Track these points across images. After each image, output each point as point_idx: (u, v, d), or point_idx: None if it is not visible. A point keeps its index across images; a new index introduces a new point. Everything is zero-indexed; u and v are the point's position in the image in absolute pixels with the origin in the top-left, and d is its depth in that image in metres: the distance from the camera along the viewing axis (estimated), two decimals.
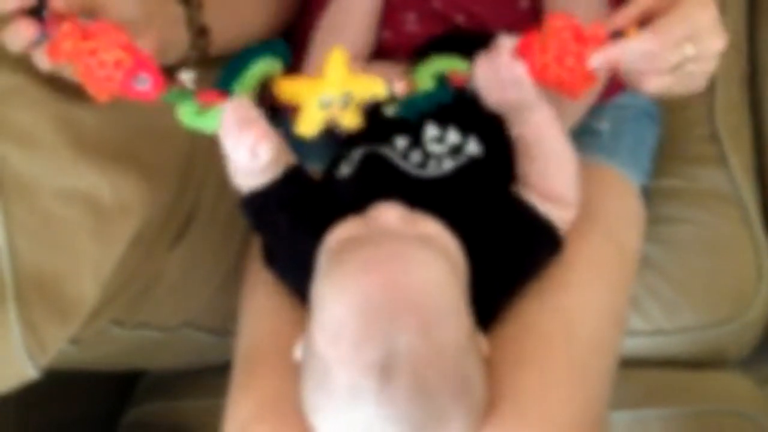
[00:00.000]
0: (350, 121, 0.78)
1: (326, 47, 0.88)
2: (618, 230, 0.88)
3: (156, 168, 0.82)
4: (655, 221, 1.08)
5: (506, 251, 0.77)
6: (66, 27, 0.68)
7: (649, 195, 1.03)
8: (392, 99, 0.78)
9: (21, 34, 0.68)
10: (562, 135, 0.78)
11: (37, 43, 0.68)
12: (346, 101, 0.75)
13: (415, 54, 0.88)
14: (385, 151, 0.79)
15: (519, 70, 0.74)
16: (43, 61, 0.70)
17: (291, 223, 0.78)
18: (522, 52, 0.74)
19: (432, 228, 0.73)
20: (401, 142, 0.80)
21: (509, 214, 0.78)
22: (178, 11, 0.81)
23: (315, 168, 0.86)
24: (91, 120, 0.76)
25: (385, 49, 0.93)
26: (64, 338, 0.76)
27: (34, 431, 1.10)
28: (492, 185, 0.79)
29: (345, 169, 0.81)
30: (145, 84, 0.70)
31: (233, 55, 0.76)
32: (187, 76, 0.74)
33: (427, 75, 0.78)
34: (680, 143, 1.15)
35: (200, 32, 0.82)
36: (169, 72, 0.79)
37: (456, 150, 0.79)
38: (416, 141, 0.80)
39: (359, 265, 0.68)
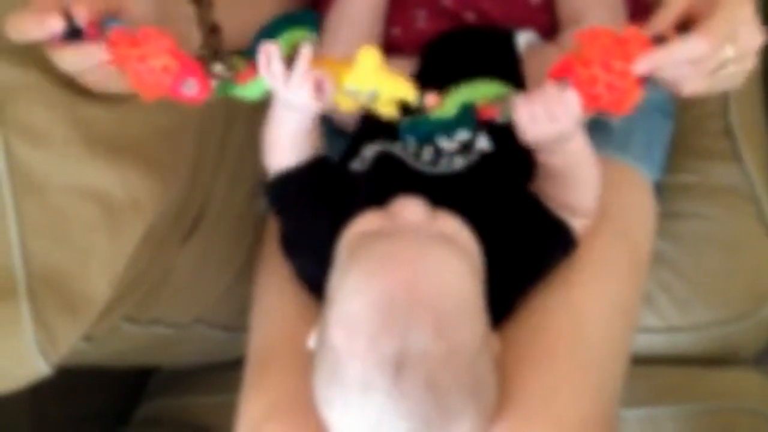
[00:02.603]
0: (386, 110, 0.74)
1: (332, 46, 0.89)
2: (629, 226, 0.88)
3: (167, 165, 0.82)
4: (668, 217, 1.07)
5: (521, 249, 0.77)
6: (115, 34, 0.68)
7: (662, 190, 1.02)
8: (419, 109, 0.74)
9: (91, 57, 0.68)
10: (593, 158, 0.76)
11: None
12: (373, 97, 0.73)
13: (424, 51, 0.89)
14: (397, 150, 0.79)
15: (571, 97, 0.69)
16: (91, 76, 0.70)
17: (312, 209, 0.79)
18: (562, 74, 0.70)
19: (453, 226, 0.73)
20: (411, 138, 0.80)
21: (524, 212, 0.78)
22: (189, 10, 0.81)
23: None
24: (102, 117, 0.76)
25: (395, 46, 0.93)
26: (76, 335, 0.76)
27: (49, 426, 1.11)
28: (505, 181, 0.79)
29: (356, 166, 0.81)
30: (193, 89, 0.71)
31: (263, 25, 0.75)
32: (219, 68, 0.73)
33: (457, 100, 0.74)
34: (694, 138, 1.14)
35: (212, 31, 0.83)
36: None
37: (466, 146, 0.79)
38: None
39: (381, 260, 0.68)
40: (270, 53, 0.70)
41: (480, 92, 0.73)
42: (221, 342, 1.06)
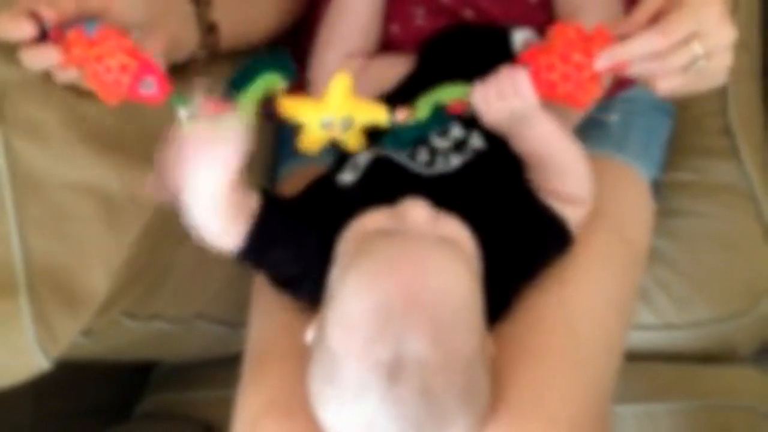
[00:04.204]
0: (352, 142, 0.79)
1: (330, 43, 0.89)
2: (625, 224, 0.88)
3: None
4: (666, 215, 1.07)
5: (516, 245, 0.77)
6: (71, 35, 0.70)
7: (660, 188, 1.03)
8: (393, 126, 0.77)
9: (46, 59, 0.70)
10: (568, 139, 0.77)
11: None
12: (347, 124, 0.76)
13: (421, 48, 0.89)
14: (392, 153, 0.80)
15: (520, 75, 0.73)
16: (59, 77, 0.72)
17: (293, 250, 0.78)
18: (525, 60, 0.74)
19: (455, 229, 0.73)
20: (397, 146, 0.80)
21: (520, 208, 0.78)
22: (188, 9, 0.82)
23: (317, 167, 0.86)
24: (101, 114, 0.77)
25: (393, 43, 0.93)
26: (75, 329, 0.77)
27: (50, 420, 1.12)
28: (500, 178, 0.79)
29: (348, 176, 0.80)
30: (151, 88, 0.72)
31: (239, 65, 0.76)
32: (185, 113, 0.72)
33: (427, 105, 0.77)
34: (692, 136, 1.14)
35: (209, 30, 0.83)
36: (178, 70, 0.81)
37: (460, 144, 0.79)
38: None
39: (383, 262, 0.68)
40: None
41: (446, 93, 0.77)
42: (221, 337, 1.07)
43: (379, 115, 0.76)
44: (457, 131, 0.80)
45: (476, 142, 0.80)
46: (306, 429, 0.72)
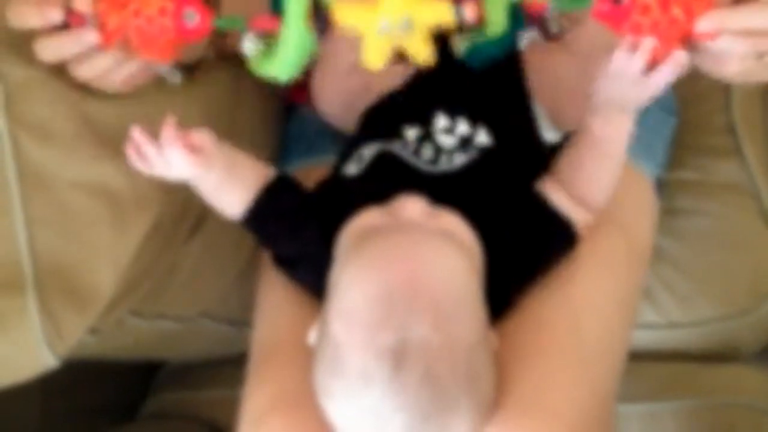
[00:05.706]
0: (419, 50, 0.71)
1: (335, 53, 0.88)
2: (629, 222, 0.88)
3: None
4: (669, 213, 1.08)
5: (520, 245, 0.77)
6: (102, 5, 0.69)
7: (663, 186, 1.03)
8: (461, 28, 0.69)
9: (85, 41, 0.70)
10: (623, 160, 0.76)
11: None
12: (407, 27, 0.68)
13: None
14: (397, 148, 0.80)
15: (659, 77, 0.69)
16: (81, 70, 0.72)
17: (291, 226, 0.79)
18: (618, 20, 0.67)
19: (453, 223, 0.74)
20: (411, 133, 0.80)
21: (526, 209, 0.78)
22: None
23: (325, 161, 0.86)
24: (109, 113, 0.77)
25: None
26: (82, 327, 0.77)
27: (57, 419, 1.12)
28: (504, 177, 0.79)
29: (353, 168, 0.81)
30: (194, 18, 0.71)
31: None
32: (249, 44, 0.74)
33: (499, 6, 0.69)
34: (696, 135, 1.14)
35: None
36: (186, 70, 0.81)
37: (466, 141, 0.80)
38: (426, 132, 0.80)
39: (381, 254, 0.69)
40: (136, 140, 0.72)
41: None
42: (227, 336, 1.07)
43: (443, 13, 0.68)
44: (463, 127, 0.80)
45: (482, 138, 0.80)
46: (312, 423, 0.72)
